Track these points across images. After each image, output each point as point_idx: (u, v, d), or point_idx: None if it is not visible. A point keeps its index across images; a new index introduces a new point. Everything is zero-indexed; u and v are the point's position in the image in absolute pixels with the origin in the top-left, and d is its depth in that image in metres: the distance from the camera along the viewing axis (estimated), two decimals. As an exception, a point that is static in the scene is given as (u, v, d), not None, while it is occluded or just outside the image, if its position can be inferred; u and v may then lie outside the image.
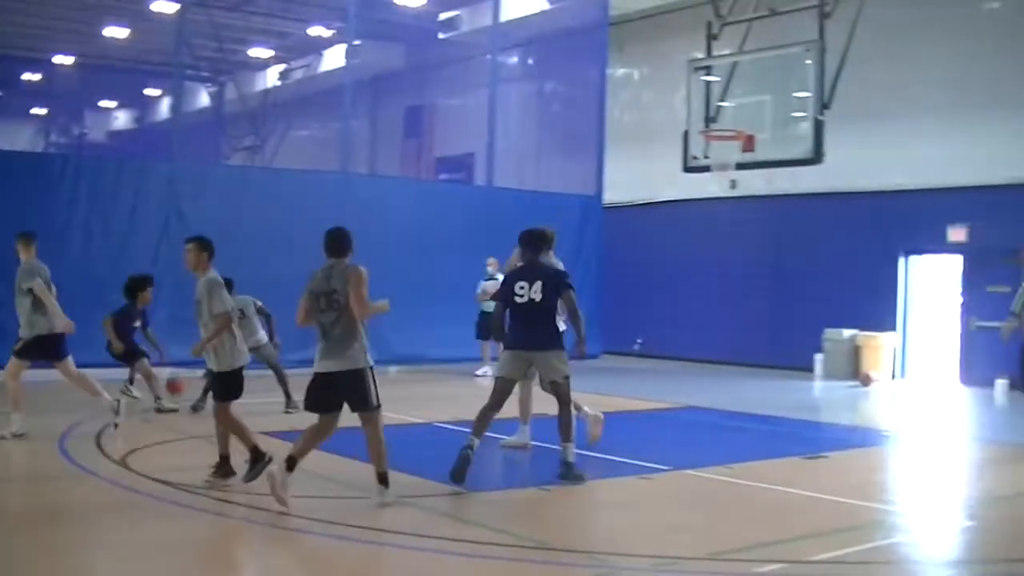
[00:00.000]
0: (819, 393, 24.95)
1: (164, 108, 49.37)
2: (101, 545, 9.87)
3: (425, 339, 25.78)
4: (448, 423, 16.78)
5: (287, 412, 18.01)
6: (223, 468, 12.26)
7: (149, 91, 50.95)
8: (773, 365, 28.07)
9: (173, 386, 18.71)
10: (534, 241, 13.70)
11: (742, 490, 12.78)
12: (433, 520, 10.82)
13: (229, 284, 16.19)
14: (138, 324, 19.00)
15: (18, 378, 15.36)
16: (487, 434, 13.17)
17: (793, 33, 23.32)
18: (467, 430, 12.55)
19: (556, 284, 13.22)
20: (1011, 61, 25.09)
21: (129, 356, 18.66)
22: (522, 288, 13.14)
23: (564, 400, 13.21)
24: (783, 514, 11.59)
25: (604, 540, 10.66)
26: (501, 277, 25.11)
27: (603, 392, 21.33)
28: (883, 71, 26.56)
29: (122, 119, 54.92)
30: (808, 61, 21.86)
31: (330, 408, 11.45)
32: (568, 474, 12.73)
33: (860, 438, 17.95)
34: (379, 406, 11.48)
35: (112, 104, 53.67)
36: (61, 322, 15.35)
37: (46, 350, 15.55)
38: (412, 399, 19.43)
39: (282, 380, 18.48)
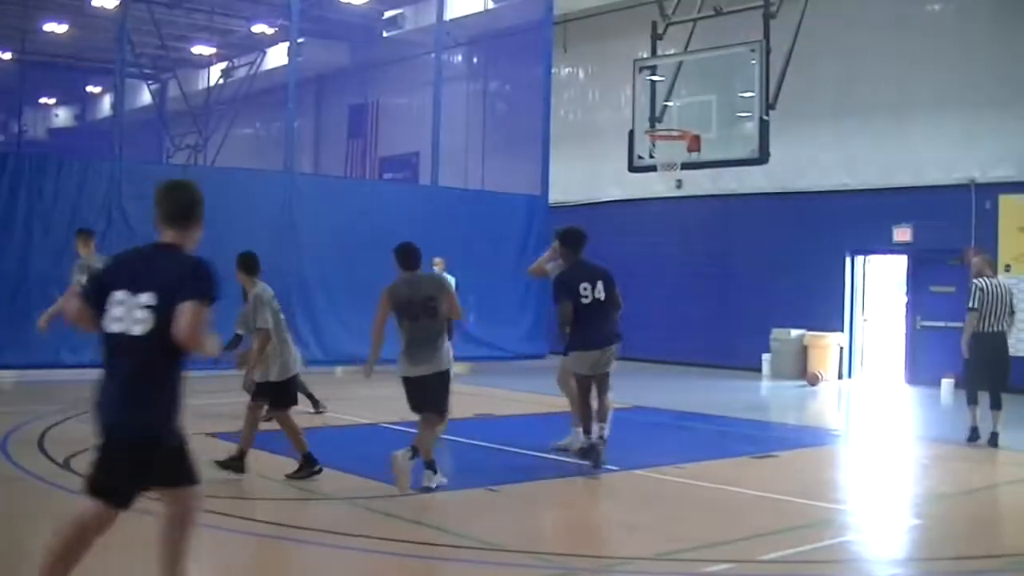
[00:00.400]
0: (767, 393, 25.09)
1: (106, 105, 49.11)
2: (27, 551, 9.81)
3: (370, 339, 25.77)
4: (394, 424, 16.75)
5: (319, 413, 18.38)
6: (238, 462, 12.50)
7: (90, 88, 50.66)
8: (721, 365, 28.19)
9: None
10: (581, 241, 14.31)
11: (692, 490, 12.85)
12: (384, 522, 10.82)
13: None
14: None
15: None
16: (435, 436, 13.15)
17: (738, 33, 23.42)
18: (414, 431, 12.50)
19: (612, 281, 14.02)
20: (956, 62, 25.26)
21: None
22: (586, 289, 13.81)
23: (607, 389, 14.06)
24: (732, 513, 11.65)
25: (555, 541, 10.70)
26: (450, 277, 25.19)
27: (550, 392, 21.38)
28: (828, 71, 26.76)
29: (63, 116, 54.55)
30: (753, 61, 21.92)
31: (423, 409, 12.17)
32: (595, 451, 13.65)
33: (808, 437, 18.09)
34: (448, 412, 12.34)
35: (52, 101, 53.32)
36: None
37: None
38: (358, 400, 19.38)
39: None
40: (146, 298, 6.47)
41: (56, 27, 38.10)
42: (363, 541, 9.91)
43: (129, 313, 6.50)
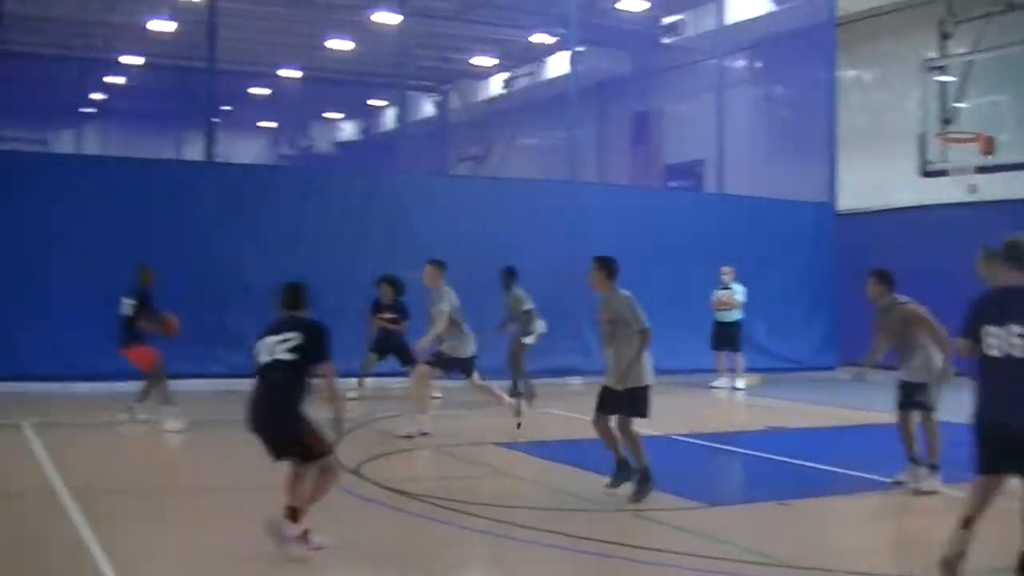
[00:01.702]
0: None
1: (389, 119, 50.28)
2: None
3: (655, 350, 25.74)
4: (684, 436, 16.78)
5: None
6: (625, 471, 12.56)
7: (373, 102, 51.96)
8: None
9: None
10: None
11: (1001, 507, 12.55)
12: (672, 534, 10.88)
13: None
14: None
15: (425, 383, 17.45)
16: (726, 447, 13.16)
17: (1033, 28, 22.90)
18: (704, 443, 12.50)
19: None
20: None
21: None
22: None
23: None
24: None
25: (848, 557, 10.57)
26: (737, 287, 24.97)
27: (843, 404, 21.18)
28: None
29: (347, 130, 56.06)
30: (1051, 57, 21.42)
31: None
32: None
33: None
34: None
35: (337, 115, 54.83)
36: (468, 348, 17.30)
37: (459, 367, 17.45)
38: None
39: None
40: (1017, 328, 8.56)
41: (340, 43, 39.19)
42: (653, 554, 9.98)
43: (1006, 340, 8.62)
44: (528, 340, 20.58)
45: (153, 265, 18.16)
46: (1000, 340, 8.67)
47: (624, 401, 12.40)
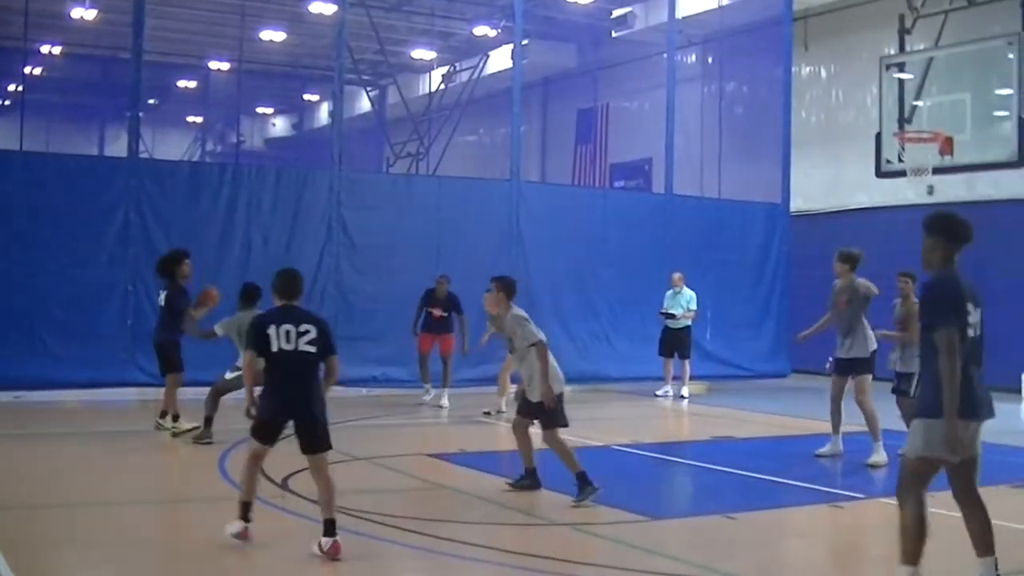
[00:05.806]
0: (1028, 415, 24.50)
1: (323, 114, 50.15)
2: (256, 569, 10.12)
3: (602, 356, 25.79)
4: (627, 446, 16.76)
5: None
6: (530, 479, 13.21)
7: (308, 96, 51.80)
8: (975, 384, 27.51)
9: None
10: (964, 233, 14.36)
11: (945, 521, 12.61)
12: (615, 549, 10.87)
13: (256, 293, 16.45)
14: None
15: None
16: (671, 458, 13.21)
17: (993, 25, 23.00)
18: (648, 454, 12.51)
19: None
20: None
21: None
22: (971, 314, 13.24)
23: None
24: (989, 547, 11.39)
25: (796, 572, 10.63)
26: (687, 292, 24.99)
27: (792, 413, 21.24)
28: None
29: (280, 125, 55.86)
30: (1011, 55, 21.55)
31: None
32: None
33: (1075, 464, 17.59)
34: None
35: (270, 110, 54.62)
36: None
37: None
38: (588, 420, 19.27)
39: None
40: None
41: (273, 35, 39.11)
42: (594, 570, 9.97)
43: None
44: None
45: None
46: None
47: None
